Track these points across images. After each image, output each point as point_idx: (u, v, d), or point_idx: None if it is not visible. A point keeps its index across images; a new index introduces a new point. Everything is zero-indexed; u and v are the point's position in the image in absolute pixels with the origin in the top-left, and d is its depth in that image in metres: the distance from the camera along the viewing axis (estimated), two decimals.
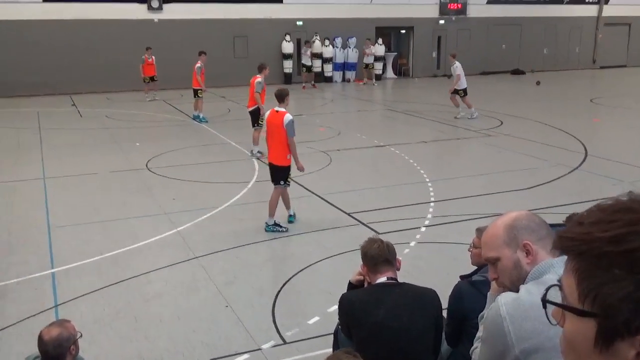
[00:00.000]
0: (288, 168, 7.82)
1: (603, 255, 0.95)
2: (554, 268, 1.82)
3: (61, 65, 22.76)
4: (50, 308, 5.78)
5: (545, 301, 1.08)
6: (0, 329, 5.39)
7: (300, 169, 7.97)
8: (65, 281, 6.40)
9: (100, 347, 5.01)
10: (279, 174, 7.80)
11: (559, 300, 1.04)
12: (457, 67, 16.55)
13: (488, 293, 2.16)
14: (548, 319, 1.08)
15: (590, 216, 1.01)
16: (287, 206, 8.09)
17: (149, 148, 13.03)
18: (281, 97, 7.93)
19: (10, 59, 21.91)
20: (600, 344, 0.95)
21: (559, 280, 1.05)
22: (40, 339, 3.31)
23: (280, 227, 7.79)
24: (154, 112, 18.61)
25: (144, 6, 24.31)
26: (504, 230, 1.95)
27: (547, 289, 1.08)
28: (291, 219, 8.12)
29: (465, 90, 16.56)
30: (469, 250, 3.72)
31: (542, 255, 1.89)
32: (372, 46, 26.59)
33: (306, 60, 25.71)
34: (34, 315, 5.60)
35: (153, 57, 21.00)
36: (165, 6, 24.54)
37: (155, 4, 24.37)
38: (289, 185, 7.95)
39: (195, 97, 16.81)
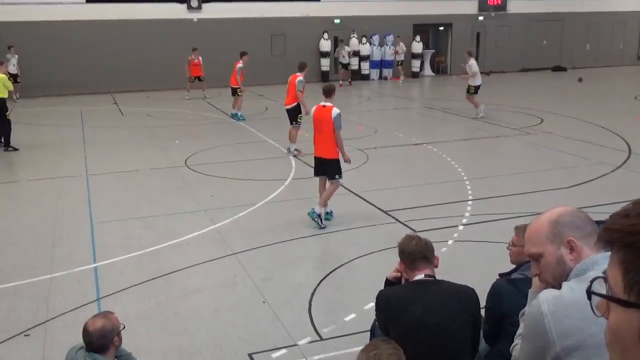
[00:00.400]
0: (338, 161, 7.94)
1: None
2: (597, 265, 1.80)
3: (103, 65, 23.26)
4: (93, 301, 5.93)
5: (590, 292, 1.08)
6: (45, 320, 5.55)
7: (347, 160, 8.15)
8: (107, 275, 6.56)
9: (141, 339, 5.12)
10: (332, 168, 7.93)
11: (604, 292, 1.04)
12: (473, 65, 16.16)
13: (529, 290, 2.14)
14: (593, 310, 1.08)
15: (636, 208, 1.00)
16: (326, 204, 8.12)
17: (188, 146, 13.23)
18: (328, 92, 8.12)
19: (54, 59, 22.48)
20: None
21: (604, 272, 1.05)
22: (85, 330, 3.40)
23: (322, 222, 7.82)
24: (193, 111, 18.88)
25: (184, 6, 24.65)
26: (548, 226, 1.93)
27: (592, 281, 1.08)
28: (328, 216, 8.15)
29: (477, 88, 16.26)
30: (507, 248, 3.69)
31: (586, 252, 1.87)
32: (401, 43, 26.47)
33: (342, 59, 25.71)
34: (78, 308, 5.75)
35: (200, 58, 21.12)
36: (205, 5, 24.84)
37: (194, 4, 24.69)
38: (341, 178, 8.05)
39: (234, 95, 16.96)
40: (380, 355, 2.15)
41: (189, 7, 24.73)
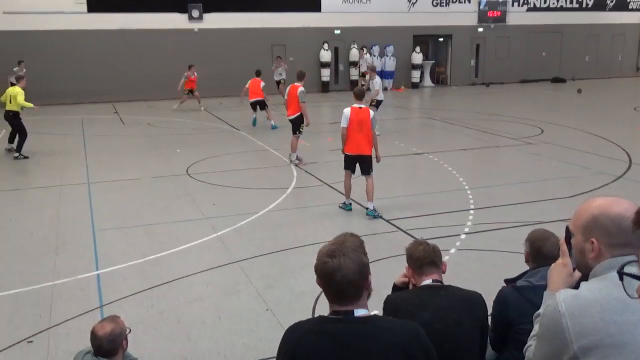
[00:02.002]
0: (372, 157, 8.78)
1: None
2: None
3: (104, 74, 23.36)
4: (96, 308, 5.92)
5: (621, 274, 1.09)
6: (48, 327, 5.54)
7: (379, 158, 9.14)
8: (110, 282, 6.55)
9: (144, 347, 5.11)
10: (370, 163, 8.80)
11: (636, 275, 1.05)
12: (377, 82, 15.72)
13: (545, 291, 2.14)
14: (626, 292, 1.08)
15: None
16: (349, 195, 9.07)
17: (190, 154, 13.26)
18: (361, 96, 9.04)
19: (55, 68, 22.57)
20: None
21: (638, 257, 1.06)
22: (94, 334, 3.39)
23: (377, 212, 8.60)
24: (193, 120, 18.92)
25: (185, 16, 24.78)
26: (587, 217, 1.94)
27: (624, 264, 1.09)
28: (348, 207, 9.00)
29: (379, 103, 15.76)
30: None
31: (606, 257, 1.87)
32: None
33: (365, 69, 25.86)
34: (81, 315, 5.74)
35: (196, 74, 21.20)
36: (206, 16, 24.97)
37: (195, 14, 24.83)
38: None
39: (263, 108, 17.10)
40: (346, 241, 2.32)
41: (190, 17, 24.87)
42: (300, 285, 6.50)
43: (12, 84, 14.50)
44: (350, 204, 9.05)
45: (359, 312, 2.26)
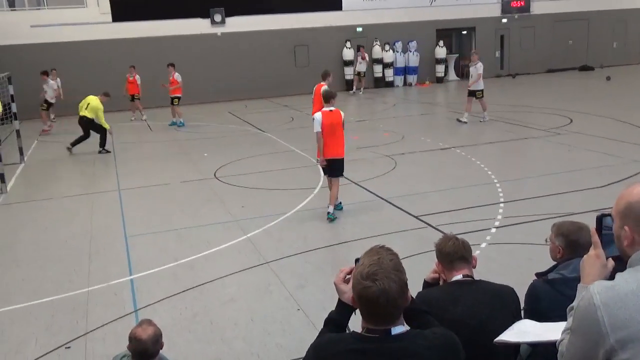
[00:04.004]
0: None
1: None
2: None
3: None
4: (131, 312, 6.01)
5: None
6: (85, 332, 5.65)
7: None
8: (143, 287, 6.65)
9: (179, 350, 5.17)
10: (341, 166, 8.77)
11: None
12: (480, 67, 16.10)
13: (578, 284, 2.12)
14: None
15: None
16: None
17: (217, 158, 13.37)
18: (329, 98, 8.72)
19: (83, 78, 22.88)
20: None
21: None
22: (138, 338, 3.40)
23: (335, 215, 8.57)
24: (220, 124, 19.06)
25: (208, 21, 24.99)
26: (624, 203, 1.92)
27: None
28: (339, 206, 8.91)
29: (482, 92, 16.22)
30: (545, 241, 3.60)
31: (638, 244, 1.85)
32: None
33: (361, 68, 25.68)
34: (116, 320, 5.84)
35: (137, 76, 20.65)
36: (228, 20, 25.14)
37: (218, 19, 25.02)
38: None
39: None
40: (382, 259, 2.20)
41: (213, 22, 25.07)
42: (331, 284, 6.43)
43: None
44: (340, 203, 8.98)
45: (396, 330, 2.20)
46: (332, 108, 8.55)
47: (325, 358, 2.25)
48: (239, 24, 25.25)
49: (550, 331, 2.60)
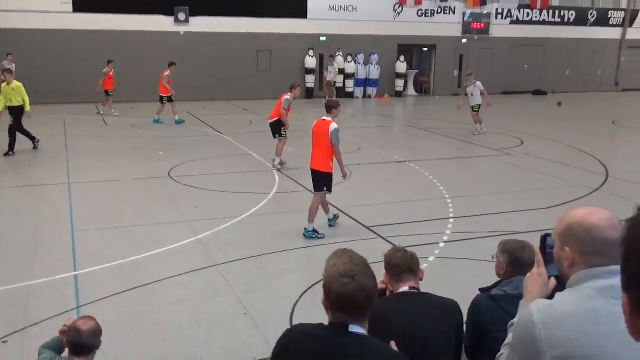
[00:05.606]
0: (330, 175, 8.10)
1: None
2: (596, 278, 1.82)
3: (87, 74, 23.12)
4: (73, 309, 5.89)
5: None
6: (24, 327, 5.50)
7: (345, 176, 8.30)
8: (88, 283, 6.52)
9: (122, 349, 5.10)
10: (322, 181, 8.12)
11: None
12: (479, 84, 17.26)
13: (520, 301, 2.18)
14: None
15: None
16: (327, 210, 8.48)
17: (172, 157, 13.22)
18: (329, 108, 8.36)
19: (40, 67, 22.33)
20: None
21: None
22: (78, 330, 3.31)
23: (318, 234, 8.03)
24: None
25: (171, 19, 24.71)
26: (563, 225, 1.97)
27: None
28: (332, 222, 8.51)
29: (480, 106, 17.26)
30: (492, 258, 3.70)
31: (578, 266, 1.90)
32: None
33: (331, 77, 25.84)
34: (57, 316, 5.69)
35: (113, 71, 20.57)
36: (192, 19, 24.91)
37: (182, 17, 24.76)
38: (330, 192, 8.25)
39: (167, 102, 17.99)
40: (354, 258, 2.28)
41: (177, 20, 24.79)
42: (279, 289, 6.53)
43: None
44: (333, 217, 8.65)
45: (354, 328, 2.23)
46: (327, 118, 8.17)
47: (288, 337, 2.37)
48: (203, 24, 25.04)
49: None
